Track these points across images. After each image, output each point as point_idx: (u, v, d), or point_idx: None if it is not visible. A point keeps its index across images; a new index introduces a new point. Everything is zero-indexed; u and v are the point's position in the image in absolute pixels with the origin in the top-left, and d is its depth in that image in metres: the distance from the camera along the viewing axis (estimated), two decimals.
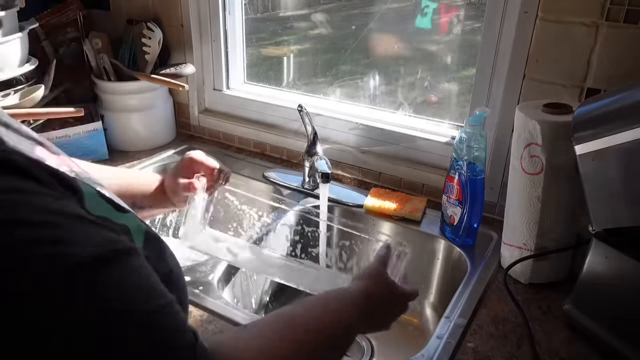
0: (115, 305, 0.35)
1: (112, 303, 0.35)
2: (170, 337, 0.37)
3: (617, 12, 0.81)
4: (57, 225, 0.35)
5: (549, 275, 0.85)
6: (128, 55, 1.30)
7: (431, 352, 0.71)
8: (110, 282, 0.35)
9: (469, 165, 0.90)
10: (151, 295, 0.38)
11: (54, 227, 0.34)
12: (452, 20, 1.13)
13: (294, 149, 1.27)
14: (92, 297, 0.34)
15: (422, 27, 1.16)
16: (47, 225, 0.34)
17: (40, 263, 0.32)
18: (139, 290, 0.37)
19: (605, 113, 0.66)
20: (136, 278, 0.38)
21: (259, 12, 1.43)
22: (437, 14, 1.13)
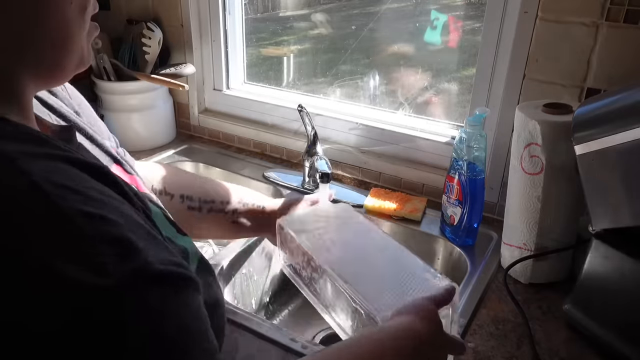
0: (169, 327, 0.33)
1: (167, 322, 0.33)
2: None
3: (617, 12, 0.81)
4: (135, 233, 0.34)
5: (549, 275, 0.85)
6: (128, 55, 1.30)
7: None
8: (173, 302, 0.34)
9: (469, 165, 0.90)
10: (207, 332, 0.37)
11: (131, 232, 0.34)
12: (462, 34, 1.12)
13: (294, 149, 1.27)
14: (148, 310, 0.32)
15: (431, 42, 1.15)
16: (126, 227, 0.34)
17: (110, 260, 0.31)
18: (198, 324, 0.36)
19: (605, 113, 0.67)
20: (195, 311, 0.36)
21: (259, 12, 1.43)
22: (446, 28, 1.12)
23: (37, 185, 0.32)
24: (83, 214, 0.32)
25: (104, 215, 0.33)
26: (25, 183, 0.32)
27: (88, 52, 0.46)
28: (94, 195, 0.34)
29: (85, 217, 0.32)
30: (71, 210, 0.32)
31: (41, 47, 0.41)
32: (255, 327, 0.75)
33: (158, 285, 0.33)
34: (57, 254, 0.30)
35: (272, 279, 1.03)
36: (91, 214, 0.32)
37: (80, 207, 0.32)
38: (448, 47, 1.15)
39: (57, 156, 0.36)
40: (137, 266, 0.32)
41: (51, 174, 0.34)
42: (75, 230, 0.31)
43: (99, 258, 0.31)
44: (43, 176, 0.33)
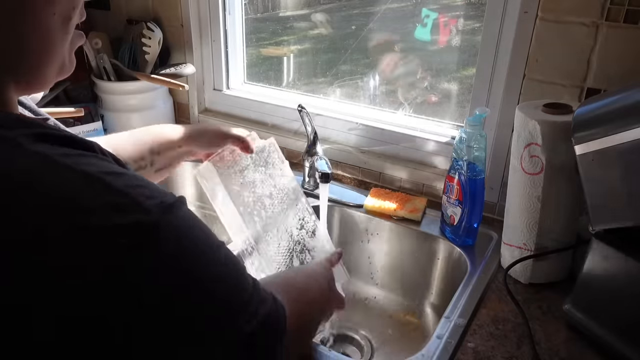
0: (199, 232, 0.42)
1: (198, 231, 0.42)
2: (237, 261, 0.45)
3: (617, 12, 0.81)
4: (141, 180, 0.41)
5: (549, 275, 0.85)
6: (128, 55, 1.30)
7: (431, 352, 0.71)
8: (190, 215, 0.42)
9: (469, 165, 0.90)
10: (211, 233, 0.44)
11: (138, 180, 0.40)
12: (452, 31, 1.13)
13: (294, 149, 1.27)
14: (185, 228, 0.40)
15: (421, 39, 1.16)
16: (140, 180, 0.40)
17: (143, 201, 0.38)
18: (205, 226, 0.44)
19: (605, 113, 0.67)
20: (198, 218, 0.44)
21: (259, 12, 1.43)
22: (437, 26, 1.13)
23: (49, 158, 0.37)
24: (104, 172, 0.38)
25: (115, 171, 0.39)
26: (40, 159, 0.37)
27: (70, 61, 0.47)
28: (97, 162, 0.40)
29: (108, 174, 0.38)
30: (95, 172, 0.38)
31: (22, 55, 0.42)
32: None
33: (177, 208, 0.40)
34: (101, 207, 0.36)
35: None
36: (108, 172, 0.39)
37: (97, 169, 0.38)
38: (445, 46, 1.15)
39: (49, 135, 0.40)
40: (160, 201, 0.39)
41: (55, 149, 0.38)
42: (106, 185, 0.37)
43: (134, 201, 0.37)
44: (51, 151, 0.38)
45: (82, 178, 0.37)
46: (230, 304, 0.42)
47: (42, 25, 0.42)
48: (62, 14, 0.43)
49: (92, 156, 0.40)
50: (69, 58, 0.47)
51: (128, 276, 0.35)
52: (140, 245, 0.36)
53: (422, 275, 1.02)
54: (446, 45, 1.15)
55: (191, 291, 0.39)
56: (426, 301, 1.03)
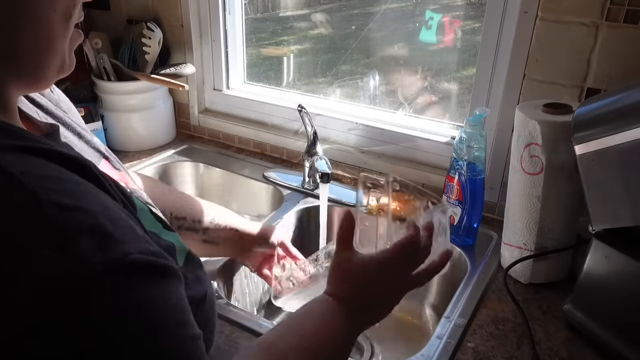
0: (149, 316, 0.34)
1: (147, 312, 0.34)
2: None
3: (617, 12, 0.81)
4: (113, 223, 0.34)
5: (549, 275, 0.85)
6: (128, 55, 1.30)
7: (431, 352, 0.71)
8: (151, 292, 0.34)
9: (469, 165, 0.90)
10: (186, 323, 0.38)
11: (110, 223, 0.34)
12: (457, 32, 1.13)
13: (294, 149, 1.27)
14: (126, 300, 0.33)
15: (426, 41, 1.15)
16: (104, 218, 0.34)
17: (88, 251, 0.32)
18: (177, 313, 0.37)
19: (605, 113, 0.67)
20: (175, 301, 0.37)
21: (259, 12, 1.43)
22: (442, 27, 1.13)
23: (13, 176, 0.33)
24: (59, 206, 0.32)
25: (81, 207, 0.33)
26: (0, 175, 0.33)
27: (70, 59, 0.47)
28: (70, 187, 0.35)
29: (62, 209, 0.32)
30: (47, 202, 0.32)
31: (23, 52, 0.42)
32: (255, 327, 0.75)
33: (136, 275, 0.33)
34: (34, 245, 0.31)
35: None
36: (67, 206, 0.33)
37: (56, 198, 0.33)
38: (444, 46, 1.15)
39: (32, 149, 0.37)
40: (114, 256, 0.32)
41: (27, 166, 0.34)
42: (51, 222, 0.32)
43: (75, 249, 0.31)
44: (19, 169, 0.33)
45: (34, 207, 0.32)
46: None
47: (43, 21, 0.41)
48: (62, 11, 0.43)
49: (68, 181, 0.36)
50: (69, 56, 0.46)
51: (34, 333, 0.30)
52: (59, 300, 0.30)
53: None
54: (453, 44, 1.15)
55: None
56: (426, 301, 1.03)
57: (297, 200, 1.11)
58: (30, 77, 0.44)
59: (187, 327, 0.38)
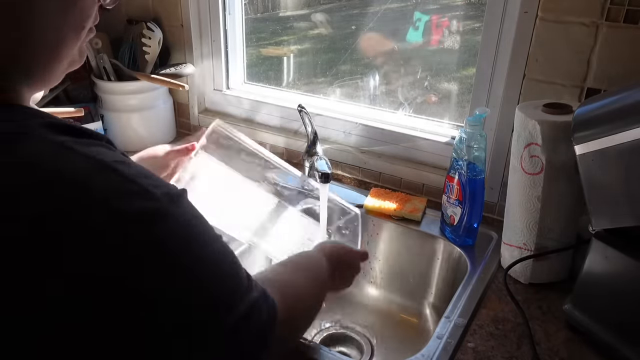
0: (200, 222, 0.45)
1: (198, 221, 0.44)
2: (232, 253, 0.47)
3: (617, 12, 0.81)
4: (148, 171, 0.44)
5: (549, 275, 0.85)
6: (128, 55, 1.30)
7: (431, 352, 0.71)
8: (192, 207, 0.45)
9: (469, 165, 0.90)
10: (210, 226, 0.47)
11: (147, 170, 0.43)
12: (445, 32, 1.14)
13: (294, 149, 1.27)
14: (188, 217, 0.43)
15: (413, 41, 1.17)
16: (142, 169, 0.43)
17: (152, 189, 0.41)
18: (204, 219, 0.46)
19: (605, 113, 0.67)
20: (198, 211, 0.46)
21: (259, 12, 1.43)
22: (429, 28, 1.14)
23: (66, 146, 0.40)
24: (117, 162, 0.41)
25: (124, 161, 0.42)
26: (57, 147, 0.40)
27: (80, 54, 0.50)
28: (109, 152, 0.42)
29: (120, 164, 0.41)
30: (109, 162, 0.40)
31: (36, 61, 0.45)
32: None
33: (181, 199, 0.43)
34: (115, 193, 0.39)
35: None
36: (120, 161, 0.41)
37: (111, 158, 0.41)
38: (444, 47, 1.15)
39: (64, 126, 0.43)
40: (167, 190, 0.42)
41: (71, 139, 0.41)
42: (119, 174, 0.40)
43: (144, 189, 0.40)
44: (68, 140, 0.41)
45: (96, 166, 0.40)
46: (221, 298, 0.43)
47: (55, 37, 0.44)
48: (75, 26, 0.45)
49: (102, 146, 0.43)
50: (79, 52, 0.49)
51: (132, 252, 0.38)
52: (147, 228, 0.39)
53: (422, 275, 1.02)
54: (441, 46, 1.15)
55: (185, 275, 0.40)
56: (426, 301, 1.03)
57: (297, 200, 1.11)
58: (40, 80, 0.47)
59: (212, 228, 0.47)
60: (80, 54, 0.49)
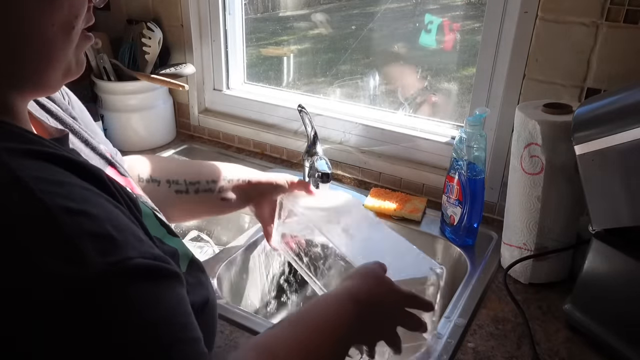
0: (151, 317, 0.35)
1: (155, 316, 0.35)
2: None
3: (617, 12, 0.81)
4: (117, 228, 0.35)
5: (549, 275, 0.85)
6: (128, 55, 1.30)
7: (431, 352, 0.71)
8: (153, 295, 0.35)
9: (469, 165, 0.90)
10: (187, 325, 0.38)
11: (113, 228, 0.35)
12: (457, 37, 1.13)
13: (294, 149, 1.27)
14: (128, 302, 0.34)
15: (426, 45, 1.16)
16: (107, 224, 0.35)
17: (91, 255, 0.33)
18: (178, 316, 0.37)
19: (605, 113, 0.66)
20: (176, 304, 0.38)
21: (259, 12, 1.43)
22: (441, 30, 1.13)
23: (21, 179, 0.34)
24: (65, 210, 0.33)
25: (86, 211, 0.35)
26: (9, 177, 0.34)
27: (77, 63, 0.46)
28: (76, 192, 0.36)
29: (67, 213, 0.33)
30: (53, 206, 0.33)
31: (24, 66, 0.42)
32: (255, 327, 0.75)
33: (138, 278, 0.34)
34: (39, 247, 0.32)
35: (272, 279, 1.03)
36: (73, 210, 0.34)
37: (62, 203, 0.34)
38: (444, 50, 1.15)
39: (41, 153, 0.37)
40: (117, 260, 0.33)
41: (34, 170, 0.35)
42: (56, 225, 0.33)
43: (79, 252, 0.32)
44: (26, 172, 0.34)
45: (39, 212, 0.33)
46: None
47: (40, 36, 0.41)
48: (61, 25, 0.42)
49: (74, 185, 0.37)
50: (76, 61, 0.46)
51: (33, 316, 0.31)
52: (60, 299, 0.31)
53: None
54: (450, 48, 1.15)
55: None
56: None
57: None
58: (33, 87, 0.44)
59: (188, 329, 0.38)
60: (77, 63, 0.46)
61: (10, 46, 0.40)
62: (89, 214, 0.34)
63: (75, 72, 0.46)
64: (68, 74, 0.46)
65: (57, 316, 0.31)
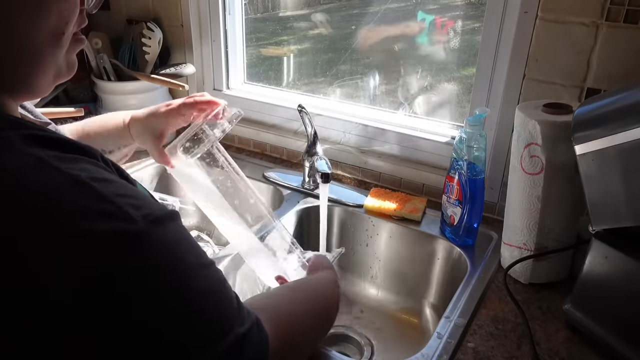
0: (187, 248, 0.41)
1: (185, 247, 0.41)
2: (223, 281, 0.44)
3: (617, 12, 0.81)
4: (133, 190, 0.41)
5: (549, 275, 0.85)
6: (128, 55, 1.30)
7: (431, 352, 0.71)
8: (180, 232, 0.42)
9: (469, 165, 0.90)
10: (201, 252, 0.44)
11: (130, 190, 0.40)
12: (450, 32, 1.14)
13: (294, 149, 1.27)
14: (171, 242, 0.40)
15: (417, 42, 1.17)
16: (126, 187, 0.40)
17: (129, 210, 0.38)
18: (195, 244, 0.44)
19: (605, 113, 0.66)
20: (191, 237, 0.44)
21: (259, 12, 1.43)
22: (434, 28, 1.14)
23: (42, 159, 0.37)
24: (91, 178, 0.38)
25: (106, 178, 0.39)
26: (33, 159, 0.37)
27: (68, 66, 0.47)
28: (90, 167, 0.40)
29: (94, 181, 0.38)
30: (80, 176, 0.37)
31: (14, 72, 0.43)
32: None
33: (166, 222, 0.40)
34: (83, 210, 0.36)
35: None
36: (97, 178, 0.38)
37: (85, 174, 0.38)
38: (443, 46, 1.15)
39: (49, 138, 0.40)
40: (149, 212, 0.39)
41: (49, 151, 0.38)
42: (92, 189, 0.37)
43: (120, 209, 0.37)
44: (44, 152, 0.38)
45: (71, 182, 0.37)
46: (208, 328, 0.40)
47: (29, 43, 0.42)
48: (51, 31, 0.42)
49: (85, 161, 0.40)
50: (67, 64, 0.47)
51: (105, 282, 0.35)
52: (121, 252, 0.36)
53: (422, 275, 1.02)
54: (445, 45, 1.15)
55: (167, 307, 0.37)
56: (426, 301, 1.03)
57: (297, 200, 1.11)
58: (24, 90, 0.45)
59: (204, 254, 0.44)
60: (68, 65, 0.47)
61: (3, 55, 0.41)
62: (109, 180, 0.39)
63: (66, 74, 0.47)
64: (59, 76, 0.47)
65: (119, 264, 0.35)
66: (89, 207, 0.36)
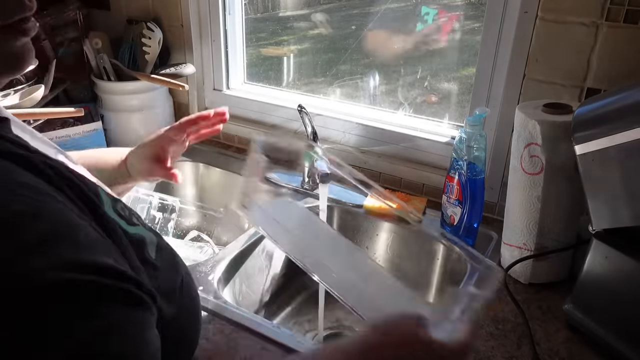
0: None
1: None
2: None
3: (617, 12, 0.81)
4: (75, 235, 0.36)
5: (549, 275, 0.85)
6: (128, 55, 1.30)
7: None
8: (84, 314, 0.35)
9: (469, 165, 0.90)
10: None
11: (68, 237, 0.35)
12: (454, 26, 1.14)
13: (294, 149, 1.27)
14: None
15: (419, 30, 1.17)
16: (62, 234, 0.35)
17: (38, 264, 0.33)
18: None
19: (605, 113, 0.66)
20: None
21: (259, 12, 1.43)
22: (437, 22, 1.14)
23: None
24: (15, 213, 0.33)
25: (36, 214, 0.34)
26: None
27: (16, 57, 0.43)
28: (24, 192, 0.35)
29: (19, 217, 0.33)
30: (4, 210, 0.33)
31: None
32: (255, 327, 0.75)
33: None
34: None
35: (272, 279, 1.03)
36: (24, 212, 0.33)
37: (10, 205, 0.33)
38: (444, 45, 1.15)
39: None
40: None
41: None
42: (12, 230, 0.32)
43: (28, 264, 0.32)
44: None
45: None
46: None
47: None
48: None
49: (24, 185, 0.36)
50: (13, 54, 0.43)
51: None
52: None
53: (422, 275, 1.02)
54: (447, 43, 1.15)
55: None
56: None
57: (297, 200, 1.11)
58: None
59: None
60: (16, 56, 0.43)
61: None
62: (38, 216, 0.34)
63: (19, 66, 0.44)
64: (9, 68, 0.43)
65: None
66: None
